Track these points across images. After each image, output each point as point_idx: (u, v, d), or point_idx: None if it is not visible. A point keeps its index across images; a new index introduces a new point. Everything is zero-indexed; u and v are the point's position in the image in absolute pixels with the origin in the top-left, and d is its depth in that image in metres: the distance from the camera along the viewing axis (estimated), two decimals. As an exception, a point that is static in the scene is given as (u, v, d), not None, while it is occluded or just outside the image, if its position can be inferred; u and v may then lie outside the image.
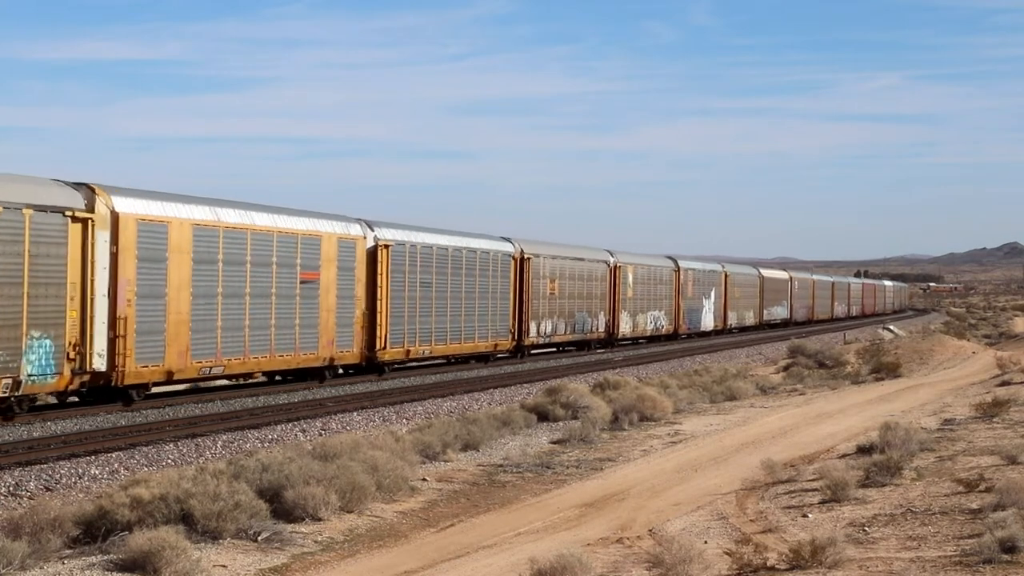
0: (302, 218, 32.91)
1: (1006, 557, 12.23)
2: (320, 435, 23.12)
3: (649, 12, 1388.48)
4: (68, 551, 13.18)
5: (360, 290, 35.08)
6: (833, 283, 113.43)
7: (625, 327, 57.66)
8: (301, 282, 32.25)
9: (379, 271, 35.97)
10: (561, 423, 26.03)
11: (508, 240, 46.30)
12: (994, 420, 24.63)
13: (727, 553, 12.91)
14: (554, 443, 23.65)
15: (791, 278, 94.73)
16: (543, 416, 26.65)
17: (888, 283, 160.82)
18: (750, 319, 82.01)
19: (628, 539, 14.45)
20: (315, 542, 14.46)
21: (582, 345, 53.28)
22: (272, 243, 31.01)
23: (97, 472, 18.67)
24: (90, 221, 24.76)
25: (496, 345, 44.26)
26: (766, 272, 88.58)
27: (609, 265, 55.87)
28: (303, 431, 24.05)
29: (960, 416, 26.14)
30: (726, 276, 75.78)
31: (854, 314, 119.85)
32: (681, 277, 66.71)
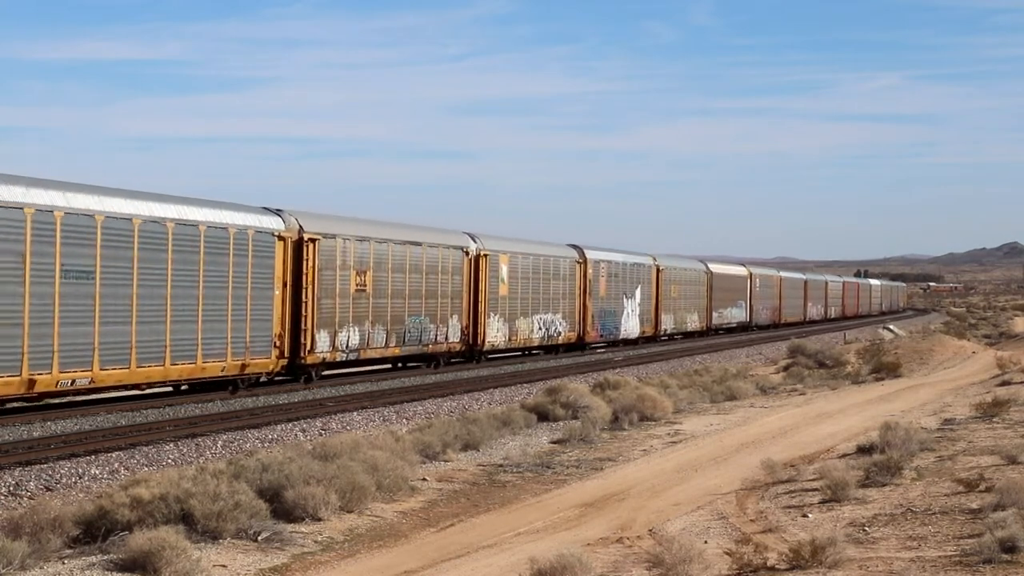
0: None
1: (1006, 557, 12.23)
2: (320, 435, 23.11)
3: (649, 12, 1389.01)
4: (68, 551, 13.17)
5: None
6: (806, 281, 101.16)
7: (495, 335, 44.70)
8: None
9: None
10: (561, 423, 26.03)
11: (278, 213, 31.96)
12: (994, 420, 24.63)
13: (727, 553, 12.90)
14: (554, 443, 23.64)
15: (751, 274, 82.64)
16: (543, 416, 26.65)
17: (875, 282, 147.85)
18: (693, 323, 69.80)
19: (628, 539, 14.45)
20: (315, 542, 14.46)
21: (425, 360, 40.42)
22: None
23: (97, 472, 18.67)
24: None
25: (243, 366, 29.84)
26: (717, 267, 76.84)
27: (468, 253, 42.29)
28: (303, 431, 24.04)
29: (960, 416, 26.13)
30: (658, 270, 63.11)
31: (833, 316, 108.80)
32: (588, 271, 53.59)
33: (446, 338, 40.79)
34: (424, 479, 18.86)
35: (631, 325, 59.15)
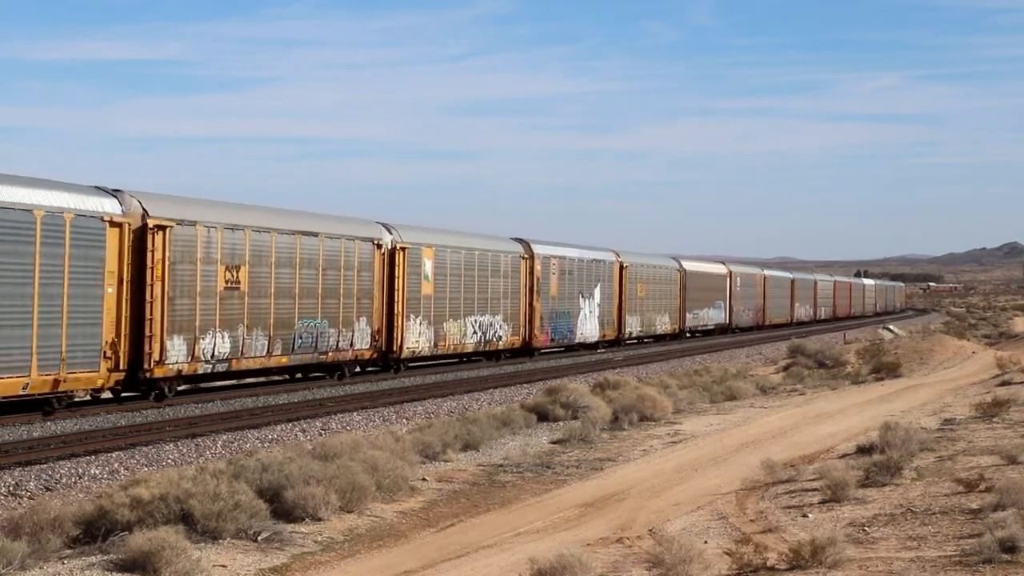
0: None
1: (1006, 557, 12.23)
2: (320, 435, 23.12)
3: (649, 12, 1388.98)
4: (68, 551, 13.17)
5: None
6: (793, 280, 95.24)
7: (417, 340, 38.47)
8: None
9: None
10: (561, 423, 26.03)
11: (115, 194, 26.37)
12: (994, 420, 24.62)
13: (727, 553, 12.90)
14: (554, 443, 23.64)
15: (731, 273, 77.10)
16: (543, 416, 26.65)
17: (868, 281, 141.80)
18: (664, 325, 63.97)
19: (628, 539, 14.45)
20: (315, 542, 14.46)
21: (326, 371, 34.61)
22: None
23: (97, 472, 18.67)
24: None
25: (57, 382, 23.97)
26: (692, 264, 71.01)
27: (381, 246, 36.44)
28: (303, 431, 24.05)
29: (960, 416, 26.13)
30: (622, 268, 57.71)
31: (823, 317, 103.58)
32: (536, 267, 47.79)
33: (351, 345, 34.48)
34: (424, 479, 18.86)
35: (589, 328, 53.51)
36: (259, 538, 14.09)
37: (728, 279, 76.21)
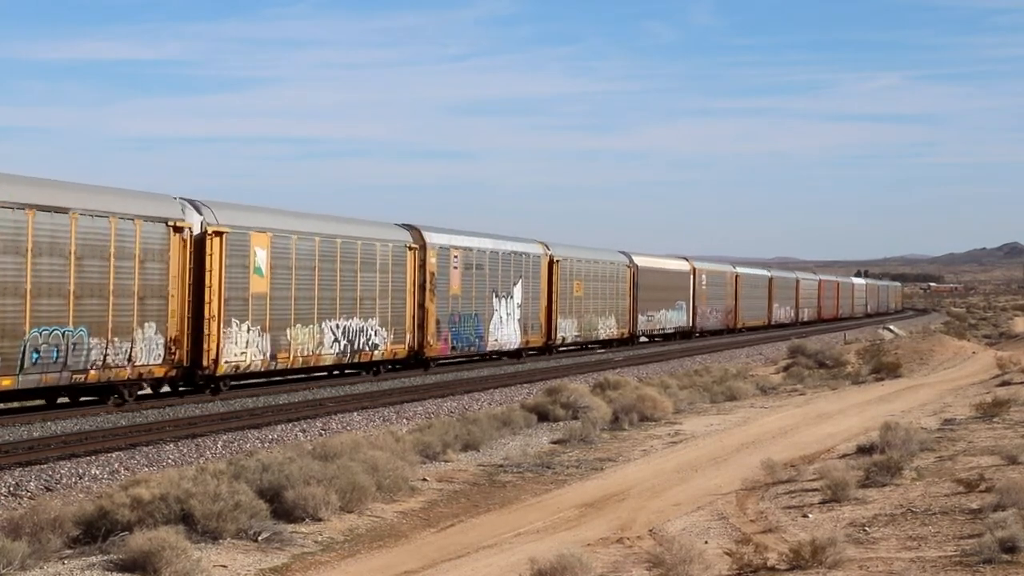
0: None
1: (1006, 557, 12.23)
2: (320, 435, 23.12)
3: (649, 12, 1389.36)
4: (68, 551, 13.18)
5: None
6: (771, 278, 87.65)
7: (243, 352, 29.91)
8: None
9: None
10: (561, 423, 26.03)
11: None
12: (994, 420, 24.62)
13: (727, 553, 12.91)
14: (554, 443, 23.65)
15: (694, 270, 69.69)
16: (543, 416, 26.65)
17: (858, 281, 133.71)
18: (608, 329, 56.66)
19: (628, 539, 14.45)
20: (315, 542, 14.46)
21: (96, 393, 26.70)
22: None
23: (97, 472, 18.67)
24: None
25: None
26: (645, 260, 62.84)
27: (181, 230, 27.77)
28: (303, 431, 24.05)
29: (960, 416, 26.13)
30: (552, 262, 50.09)
31: (805, 319, 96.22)
32: (429, 259, 39.41)
33: (130, 359, 26.21)
34: (424, 479, 18.86)
35: (506, 333, 45.52)
36: (259, 538, 14.09)
37: (691, 277, 69.02)
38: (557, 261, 50.53)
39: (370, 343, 36.10)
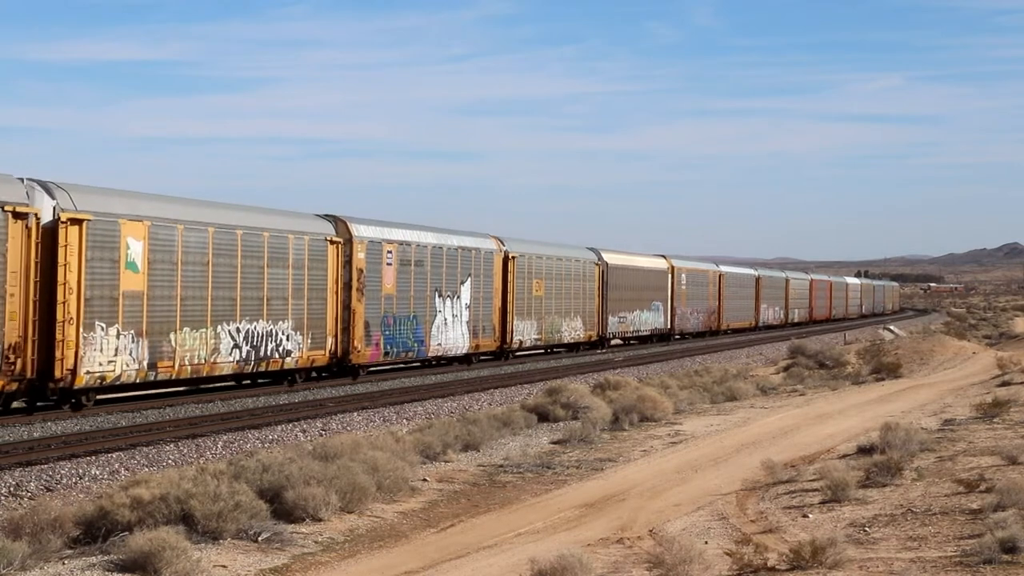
0: None
1: (1006, 557, 12.24)
2: (320, 435, 23.12)
3: (651, 13, 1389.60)
4: (68, 551, 13.18)
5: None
6: (758, 278, 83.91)
7: (110, 361, 25.73)
8: None
9: None
10: (561, 423, 26.03)
11: None
12: (994, 420, 24.62)
13: (727, 553, 12.91)
14: (554, 443, 23.65)
15: (672, 268, 65.90)
16: (543, 416, 26.65)
17: (853, 280, 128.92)
18: (574, 331, 53.13)
19: (628, 539, 14.45)
20: (315, 542, 14.46)
21: None
22: None
23: (97, 472, 18.68)
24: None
25: None
26: (617, 257, 59.10)
27: (24, 216, 23.75)
28: (303, 431, 24.06)
29: (960, 416, 26.14)
30: (508, 259, 46.31)
31: (796, 320, 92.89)
32: (357, 255, 35.46)
33: None
34: (424, 480, 18.86)
35: (452, 336, 41.59)
36: (259, 538, 14.09)
37: (669, 276, 65.36)
38: (513, 257, 46.73)
39: (281, 349, 31.92)
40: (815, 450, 21.84)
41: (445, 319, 41.05)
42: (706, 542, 13.88)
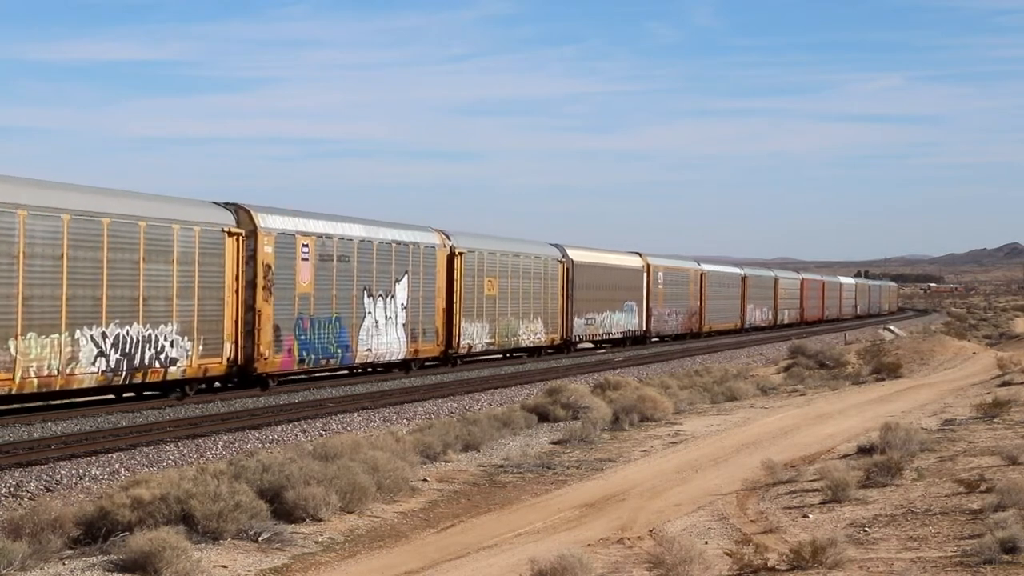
0: None
1: (1007, 557, 12.24)
2: (321, 435, 23.13)
3: (651, 13, 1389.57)
4: (69, 552, 13.18)
5: None
6: (744, 277, 79.64)
7: None
8: None
9: None
10: (562, 423, 26.03)
11: None
12: (995, 420, 24.63)
13: (728, 553, 12.91)
14: (555, 443, 23.65)
15: (648, 267, 61.90)
16: (544, 416, 26.65)
17: (847, 280, 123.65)
18: (534, 335, 48.86)
19: (629, 539, 14.45)
20: (316, 542, 14.47)
21: None
22: None
23: (98, 472, 18.68)
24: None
25: None
26: (583, 254, 54.93)
27: None
28: (304, 431, 24.06)
29: (961, 416, 26.14)
30: (453, 255, 41.79)
31: (786, 321, 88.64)
32: (263, 248, 30.98)
33: None
34: (424, 480, 18.87)
35: (385, 341, 37.09)
36: (260, 539, 14.09)
37: (645, 274, 61.20)
38: (460, 253, 42.06)
39: (163, 357, 27.48)
40: (815, 450, 21.85)
41: (376, 321, 36.56)
42: (706, 542, 13.88)
